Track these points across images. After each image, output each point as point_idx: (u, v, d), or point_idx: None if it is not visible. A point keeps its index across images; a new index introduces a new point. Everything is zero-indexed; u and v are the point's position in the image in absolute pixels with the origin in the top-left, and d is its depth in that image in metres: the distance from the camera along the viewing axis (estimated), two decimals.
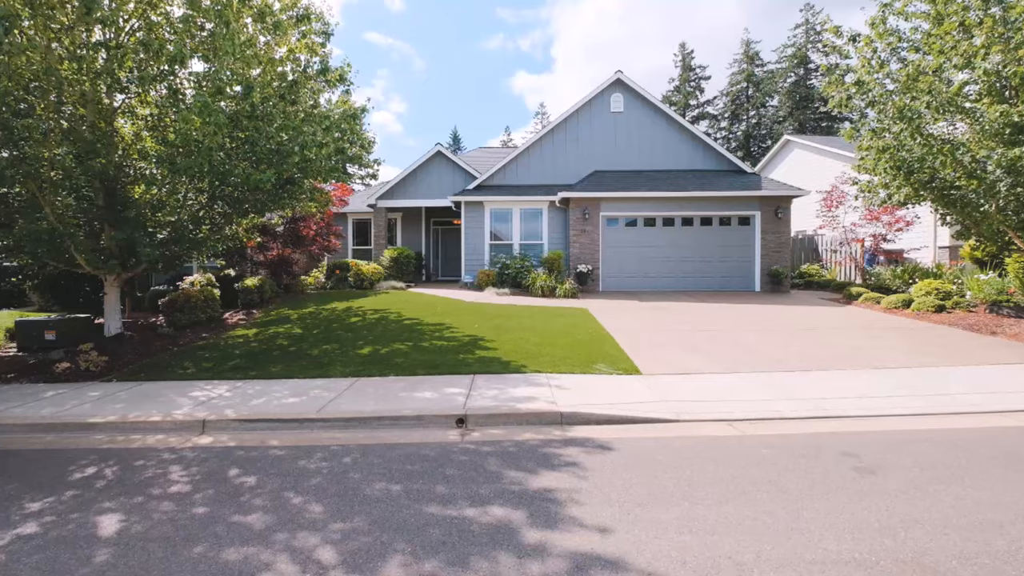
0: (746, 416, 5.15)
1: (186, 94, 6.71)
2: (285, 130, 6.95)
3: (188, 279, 13.23)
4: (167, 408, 5.65)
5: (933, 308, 10.49)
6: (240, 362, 7.78)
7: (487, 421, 5.14)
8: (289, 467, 4.11)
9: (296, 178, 8.14)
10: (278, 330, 9.91)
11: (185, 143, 6.36)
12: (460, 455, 4.28)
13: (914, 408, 5.30)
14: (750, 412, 5.25)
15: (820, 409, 5.30)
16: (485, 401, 5.59)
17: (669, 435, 4.67)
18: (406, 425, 5.15)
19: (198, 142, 6.12)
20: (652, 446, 4.38)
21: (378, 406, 5.52)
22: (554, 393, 5.85)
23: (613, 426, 4.99)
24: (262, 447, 4.63)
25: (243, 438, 4.92)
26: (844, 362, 7.31)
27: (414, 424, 5.15)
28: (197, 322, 10.62)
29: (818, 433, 4.66)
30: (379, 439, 4.77)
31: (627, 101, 16.68)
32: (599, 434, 4.73)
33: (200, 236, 8.73)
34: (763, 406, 5.42)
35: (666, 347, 8.33)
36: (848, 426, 4.87)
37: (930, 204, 9.99)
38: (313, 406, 5.60)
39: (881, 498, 3.35)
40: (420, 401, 5.67)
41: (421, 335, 9.17)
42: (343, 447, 4.56)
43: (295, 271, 15.59)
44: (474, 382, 6.41)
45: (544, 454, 4.23)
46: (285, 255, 14.85)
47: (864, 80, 8.71)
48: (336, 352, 8.15)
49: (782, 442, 4.43)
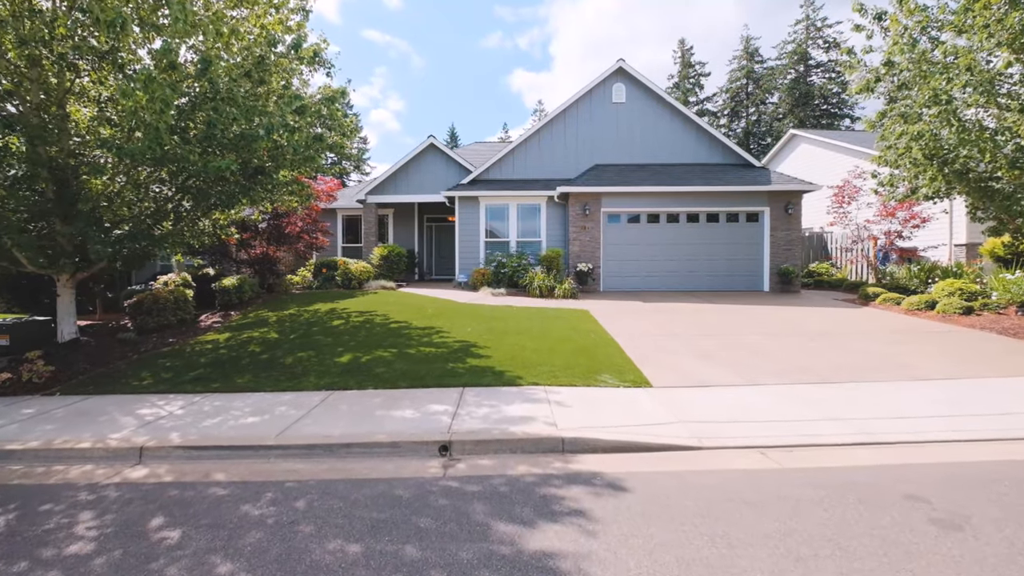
0: (780, 442, 4.38)
1: (135, 70, 5.88)
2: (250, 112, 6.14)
3: (162, 279, 12.42)
4: (104, 431, 4.85)
5: (960, 310, 9.75)
6: (204, 372, 6.98)
7: (476, 448, 4.36)
8: (228, 515, 3.32)
9: (267, 168, 7.31)
10: (253, 335, 9.10)
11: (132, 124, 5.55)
12: (440, 496, 3.50)
13: (973, 432, 4.54)
14: (783, 436, 4.48)
15: (864, 433, 4.54)
16: (474, 422, 4.81)
17: (693, 468, 3.89)
18: (380, 453, 4.37)
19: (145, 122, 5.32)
20: (674, 485, 3.61)
21: (349, 428, 4.74)
22: (554, 412, 5.08)
23: (624, 456, 4.21)
24: (203, 484, 3.83)
25: (184, 470, 4.13)
26: (875, 372, 6.56)
27: (389, 452, 4.37)
28: (167, 325, 9.80)
29: (870, 467, 3.89)
30: (345, 472, 3.99)
31: (629, 91, 15.88)
32: (608, 466, 3.96)
33: (163, 232, 7.91)
34: (797, 428, 4.66)
35: (676, 354, 7.57)
36: (902, 455, 4.11)
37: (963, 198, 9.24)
38: (274, 428, 4.81)
39: (985, 571, 2.58)
40: (398, 422, 4.89)
41: (408, 341, 8.38)
42: (300, 484, 3.77)
43: (280, 270, 14.77)
44: (463, 397, 5.63)
45: (543, 497, 3.46)
46: (269, 253, 14.02)
47: (895, 60, 7.92)
48: (312, 361, 7.36)
49: (830, 479, 3.66)
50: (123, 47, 5.82)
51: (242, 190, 7.63)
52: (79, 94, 7.35)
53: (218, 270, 13.51)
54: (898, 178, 9.83)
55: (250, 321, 10.27)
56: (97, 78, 6.77)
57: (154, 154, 5.53)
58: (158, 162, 6.28)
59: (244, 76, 6.58)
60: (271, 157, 7.10)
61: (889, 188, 10.07)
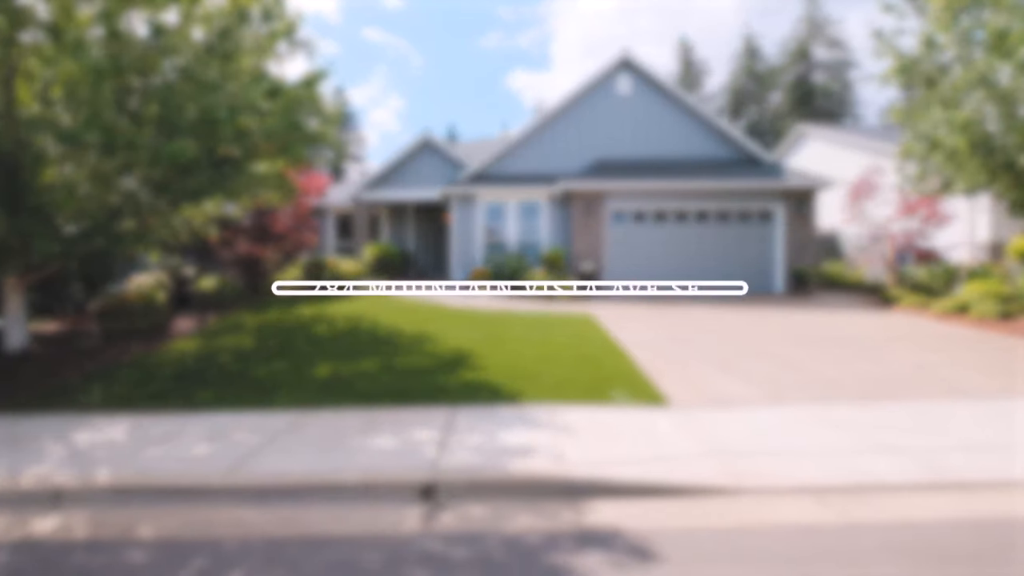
0: (833, 481, 3.61)
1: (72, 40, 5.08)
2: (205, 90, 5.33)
3: (136, 280, 11.64)
4: (23, 465, 4.06)
5: (997, 315, 9.00)
6: (163, 386, 6.19)
7: (466, 491, 3.58)
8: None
9: (234, 157, 6.50)
10: (226, 342, 8.31)
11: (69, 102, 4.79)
12: (418, 567, 2.73)
13: None
14: (835, 474, 3.71)
15: (932, 469, 3.77)
16: (465, 454, 4.03)
17: (736, 523, 3.12)
18: (348, 496, 3.58)
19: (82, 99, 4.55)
20: (716, 550, 2.84)
21: (314, 463, 3.95)
22: (559, 440, 4.30)
23: (648, 502, 3.43)
24: (121, 544, 3.05)
25: (105, 521, 3.34)
26: (916, 387, 5.83)
27: (360, 496, 3.58)
28: (135, 331, 9.01)
29: (955, 520, 3.12)
30: (302, 526, 3.21)
31: (634, 84, 15.10)
32: (630, 519, 3.18)
33: (124, 229, 7.11)
34: (848, 463, 3.89)
35: (692, 364, 6.81)
36: (990, 503, 3.34)
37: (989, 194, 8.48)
38: (226, 460, 4.03)
39: None
40: (374, 453, 4.11)
41: (396, 350, 7.61)
42: (242, 544, 2.99)
43: (266, 270, 13.98)
44: (453, 420, 4.85)
45: (550, 569, 2.68)
46: (255, 253, 13.22)
47: (937, 40, 7.14)
48: (287, 374, 6.57)
49: (914, 540, 2.90)
50: (59, 17, 5.01)
51: (210, 183, 6.84)
52: (28, 76, 6.55)
53: (199, 270, 12.72)
54: (929, 171, 9.07)
55: (227, 326, 9.48)
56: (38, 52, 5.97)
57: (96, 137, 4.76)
58: (107, 149, 5.49)
59: (207, 53, 5.80)
60: (241, 145, 6.31)
61: (918, 183, 9.31)
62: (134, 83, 5.42)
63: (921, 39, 7.27)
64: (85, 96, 4.46)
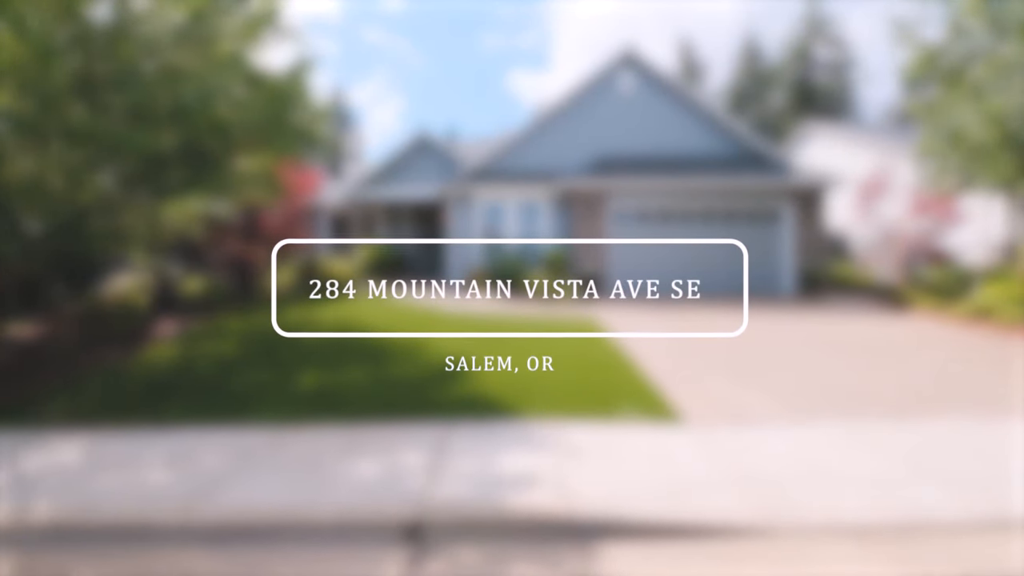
0: (877, 519, 3.13)
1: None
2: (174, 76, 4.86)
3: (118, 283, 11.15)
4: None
5: None
6: (132, 400, 5.70)
7: (458, 532, 3.09)
8: None
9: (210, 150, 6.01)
10: (207, 349, 7.82)
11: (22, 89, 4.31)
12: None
13: None
14: (879, 509, 3.23)
15: (996, 507, 3.29)
16: (457, 484, 3.55)
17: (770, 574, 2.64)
18: (319, 538, 3.10)
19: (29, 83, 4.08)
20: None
21: (286, 494, 3.47)
22: (565, 466, 3.82)
23: (666, 545, 2.95)
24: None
25: (32, 567, 2.86)
26: (952, 400, 5.36)
27: (332, 538, 3.10)
28: (113, 336, 8.52)
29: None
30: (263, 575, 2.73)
31: (637, 79, 14.62)
32: (646, 568, 2.70)
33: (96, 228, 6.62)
34: (892, 495, 3.41)
35: (703, 373, 6.34)
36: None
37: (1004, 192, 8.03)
38: (185, 489, 3.54)
39: None
40: (354, 482, 3.63)
41: (388, 357, 7.12)
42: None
43: (257, 271, 13.48)
44: (446, 439, 4.36)
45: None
46: (246, 254, 12.72)
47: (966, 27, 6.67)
48: (268, 385, 6.09)
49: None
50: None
51: (188, 178, 6.35)
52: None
53: (186, 271, 12.23)
54: (949, 168, 8.61)
55: (210, 331, 8.99)
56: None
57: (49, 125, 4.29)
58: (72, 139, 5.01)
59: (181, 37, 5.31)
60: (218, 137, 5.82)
61: (938, 179, 8.86)
62: (97, 69, 4.94)
63: (949, 26, 6.80)
64: (32, 79, 3.99)
